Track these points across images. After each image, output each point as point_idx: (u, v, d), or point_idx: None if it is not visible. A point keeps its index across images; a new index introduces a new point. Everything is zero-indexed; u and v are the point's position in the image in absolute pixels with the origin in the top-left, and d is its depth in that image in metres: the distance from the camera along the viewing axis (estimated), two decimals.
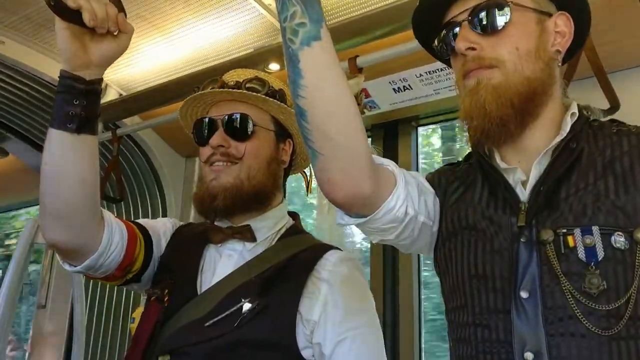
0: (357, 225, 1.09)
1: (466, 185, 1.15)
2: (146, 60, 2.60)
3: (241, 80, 1.43)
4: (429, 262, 2.23)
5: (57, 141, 1.15)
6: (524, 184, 1.05)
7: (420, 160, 2.44)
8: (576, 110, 1.07)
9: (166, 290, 1.34)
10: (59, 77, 1.15)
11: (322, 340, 1.24)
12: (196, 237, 1.45)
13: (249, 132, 1.39)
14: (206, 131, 1.41)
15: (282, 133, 1.48)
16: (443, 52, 1.13)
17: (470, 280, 1.04)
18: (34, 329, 3.29)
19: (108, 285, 3.03)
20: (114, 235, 1.29)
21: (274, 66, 2.12)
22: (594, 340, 0.90)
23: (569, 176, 1.01)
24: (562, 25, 1.07)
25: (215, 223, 1.45)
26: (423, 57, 1.24)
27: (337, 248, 1.40)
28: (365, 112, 2.22)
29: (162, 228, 1.48)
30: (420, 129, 2.47)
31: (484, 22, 1.03)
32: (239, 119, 1.39)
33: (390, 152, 2.39)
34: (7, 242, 5.22)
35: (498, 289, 1.00)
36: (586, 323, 0.91)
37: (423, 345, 2.25)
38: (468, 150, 1.22)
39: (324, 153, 0.97)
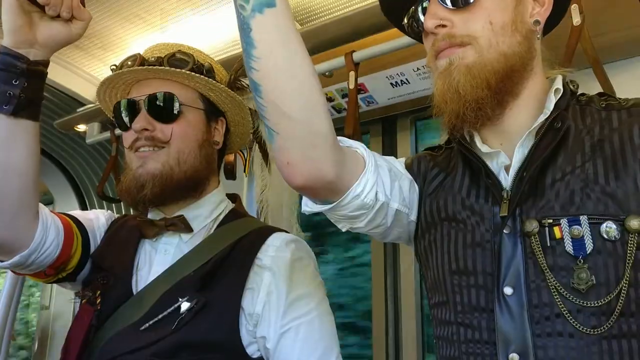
0: (324, 212, 1.00)
1: (446, 171, 1.06)
2: None
3: (163, 56, 1.28)
4: None
5: None
6: (507, 169, 0.97)
7: None
8: (560, 86, 0.98)
9: (98, 292, 1.21)
10: None
11: (266, 334, 1.15)
12: (130, 231, 1.33)
13: (175, 113, 1.25)
14: (127, 114, 1.27)
15: (212, 111, 1.35)
16: (414, 30, 1.05)
17: (452, 275, 0.96)
18: (39, 330, 3.31)
19: None
20: (48, 232, 1.19)
21: None
22: (582, 340, 0.83)
23: (555, 159, 0.93)
24: None
25: (148, 215, 1.34)
26: (420, 51, 1.19)
27: (281, 230, 1.30)
28: (364, 107, 2.20)
29: (96, 223, 1.37)
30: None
31: None
32: (162, 99, 1.25)
33: (389, 147, 2.35)
34: None
35: (480, 286, 0.92)
36: (574, 322, 0.84)
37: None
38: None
39: (281, 132, 0.88)
